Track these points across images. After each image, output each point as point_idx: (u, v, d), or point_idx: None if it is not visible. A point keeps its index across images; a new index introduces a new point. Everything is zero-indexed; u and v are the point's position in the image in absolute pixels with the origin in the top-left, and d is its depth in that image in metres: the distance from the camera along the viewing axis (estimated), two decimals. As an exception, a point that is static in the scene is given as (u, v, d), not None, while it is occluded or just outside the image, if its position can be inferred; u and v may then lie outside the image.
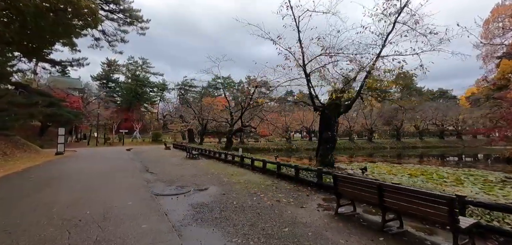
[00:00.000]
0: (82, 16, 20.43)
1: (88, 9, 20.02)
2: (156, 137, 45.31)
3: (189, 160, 15.66)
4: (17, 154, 17.33)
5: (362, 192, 4.47)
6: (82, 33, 27.50)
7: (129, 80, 66.44)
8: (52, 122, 24.61)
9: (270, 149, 39.74)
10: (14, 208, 5.34)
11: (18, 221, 4.51)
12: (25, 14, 16.93)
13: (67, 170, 10.94)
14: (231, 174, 10.21)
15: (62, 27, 20.53)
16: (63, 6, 18.92)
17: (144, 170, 11.41)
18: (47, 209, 5.20)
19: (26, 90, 19.70)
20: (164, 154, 21.13)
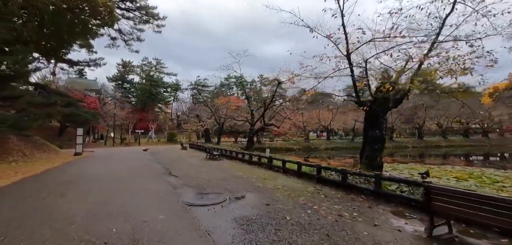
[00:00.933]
0: (99, 14, 20.03)
1: (105, 7, 19.57)
2: (171, 137, 45.06)
3: (210, 161, 14.75)
4: (37, 155, 17.03)
5: (481, 212, 3.26)
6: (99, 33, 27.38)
7: (144, 80, 66.94)
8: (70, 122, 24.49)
9: (288, 148, 38.51)
10: (27, 223, 4.49)
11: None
12: (43, 13, 16.62)
13: (86, 173, 10.23)
14: (263, 178, 9.15)
15: (80, 26, 20.24)
16: (80, 4, 18.53)
17: (166, 173, 10.55)
18: (65, 225, 4.32)
19: (45, 91, 19.48)
20: (182, 154, 20.39)
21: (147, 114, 56.86)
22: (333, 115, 41.97)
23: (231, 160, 15.42)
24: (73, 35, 20.21)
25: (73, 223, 4.42)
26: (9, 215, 4.85)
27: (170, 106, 72.62)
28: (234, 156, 16.10)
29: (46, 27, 18.56)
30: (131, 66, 68.83)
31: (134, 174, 9.84)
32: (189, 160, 15.87)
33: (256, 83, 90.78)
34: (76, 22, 19.74)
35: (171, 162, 14.75)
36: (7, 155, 14.00)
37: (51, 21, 17.86)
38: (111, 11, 20.33)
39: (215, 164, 13.37)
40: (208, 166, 12.54)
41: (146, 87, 63.12)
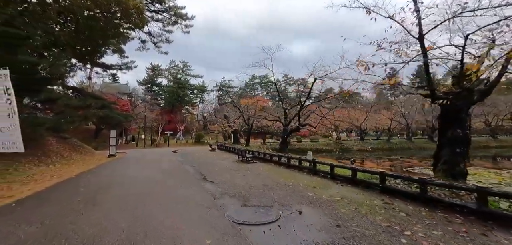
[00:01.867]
0: (129, 16, 20.10)
1: (135, 9, 19.56)
2: (198, 138, 45.28)
3: (244, 164, 13.77)
4: (74, 156, 17.35)
5: None
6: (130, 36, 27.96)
7: (171, 83, 68.56)
8: (105, 124, 25.14)
9: (318, 149, 36.58)
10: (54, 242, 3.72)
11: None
12: (78, 16, 16.90)
13: (119, 177, 9.73)
14: (312, 186, 7.89)
15: (112, 30, 20.49)
16: (112, 7, 18.66)
17: (200, 177, 9.72)
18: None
19: (81, 94, 19.91)
20: (212, 156, 19.73)
21: (175, 115, 57.97)
22: (367, 113, 39.18)
23: (265, 163, 14.31)
24: (106, 39, 20.49)
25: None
26: (31, 231, 4.15)
27: (196, 107, 73.83)
28: (268, 159, 14.97)
29: (81, 32, 18.95)
30: (160, 70, 71.06)
31: (167, 179, 9.11)
32: (220, 162, 15.06)
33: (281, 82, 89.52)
34: (109, 26, 19.97)
35: (203, 165, 14.02)
36: (46, 157, 14.20)
37: (86, 26, 18.14)
38: (141, 12, 20.30)
39: (250, 168, 12.34)
40: (243, 170, 11.54)
41: (174, 90, 64.47)
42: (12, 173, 9.90)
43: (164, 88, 69.32)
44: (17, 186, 7.80)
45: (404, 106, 41.29)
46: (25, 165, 11.48)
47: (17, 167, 10.94)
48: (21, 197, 6.44)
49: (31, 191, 7.09)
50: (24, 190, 7.14)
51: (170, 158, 17.92)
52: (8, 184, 7.93)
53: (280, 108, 29.48)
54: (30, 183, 8.24)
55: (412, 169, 17.00)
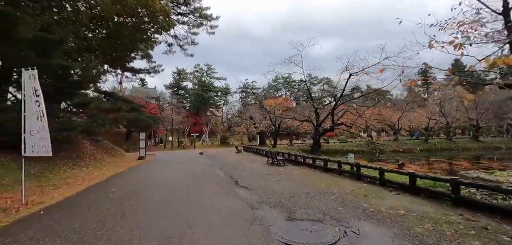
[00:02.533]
0: (156, 19, 20.22)
1: (162, 12, 19.59)
2: (224, 140, 45.21)
3: (275, 168, 12.88)
4: (106, 159, 17.66)
5: None
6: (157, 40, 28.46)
7: (196, 86, 69.78)
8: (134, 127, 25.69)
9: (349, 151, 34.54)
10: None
11: None
12: (108, 21, 17.23)
13: (149, 181, 9.34)
14: (363, 194, 6.78)
15: (140, 33, 20.79)
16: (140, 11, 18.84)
17: (232, 182, 9.01)
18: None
19: (112, 97, 20.37)
20: (240, 158, 19.09)
21: (200, 118, 58.73)
22: (402, 112, 36.36)
23: (298, 166, 13.29)
24: (134, 43, 20.82)
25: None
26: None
27: (220, 109, 74.43)
28: (301, 162, 13.93)
29: (111, 37, 19.39)
30: (185, 73, 72.75)
31: (199, 184, 8.49)
32: (250, 165, 14.31)
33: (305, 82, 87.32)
34: (137, 30, 20.27)
35: (233, 168, 13.36)
36: (80, 160, 14.47)
37: (115, 31, 18.49)
38: (168, 14, 20.32)
39: (283, 172, 11.42)
40: (276, 174, 10.65)
41: (199, 92, 65.47)
42: (47, 176, 9.95)
43: (190, 91, 70.79)
44: (49, 190, 7.65)
45: (441, 103, 37.77)
46: (60, 168, 11.62)
47: (53, 169, 11.07)
48: (51, 203, 6.15)
49: (61, 197, 6.82)
50: (55, 195, 6.90)
51: (198, 161, 17.57)
52: (42, 188, 7.82)
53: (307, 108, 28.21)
54: (62, 187, 8.08)
55: (467, 173, 14.92)
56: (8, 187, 7.45)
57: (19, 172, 9.17)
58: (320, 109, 17.73)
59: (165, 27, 21.26)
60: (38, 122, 5.81)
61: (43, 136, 5.84)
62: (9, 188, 7.36)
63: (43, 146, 5.85)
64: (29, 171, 9.57)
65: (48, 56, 10.04)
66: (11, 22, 8.57)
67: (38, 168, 10.27)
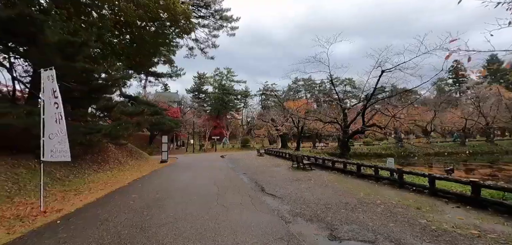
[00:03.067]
0: (178, 23, 20.22)
1: (183, 15, 19.53)
2: (244, 143, 44.84)
3: (303, 172, 11.98)
4: (130, 162, 17.79)
5: None
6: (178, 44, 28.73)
7: (216, 90, 70.40)
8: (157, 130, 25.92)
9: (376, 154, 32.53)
10: None
11: None
12: (132, 26, 17.43)
13: (171, 187, 8.89)
14: (416, 207, 5.75)
15: (162, 37, 20.93)
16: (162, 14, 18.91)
17: (258, 189, 8.30)
18: None
19: (136, 101, 20.61)
20: (262, 162, 18.36)
21: (220, 121, 59.00)
22: (435, 112, 33.67)
23: (327, 171, 12.28)
24: (157, 47, 20.98)
25: None
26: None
27: (240, 112, 74.45)
28: (329, 166, 12.89)
29: (135, 41, 19.66)
30: (205, 78, 73.67)
31: (223, 192, 7.86)
32: (275, 170, 13.52)
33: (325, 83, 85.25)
34: (159, 34, 20.41)
35: (256, 172, 12.67)
36: (105, 163, 14.55)
37: (138, 35, 18.69)
38: (189, 17, 20.26)
39: (311, 177, 10.50)
40: (305, 180, 9.77)
41: (219, 96, 65.90)
42: (71, 180, 9.89)
43: (210, 95, 71.50)
44: (71, 195, 7.42)
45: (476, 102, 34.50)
46: (85, 172, 11.62)
47: (78, 173, 11.07)
48: (69, 211, 5.82)
49: (82, 203, 6.52)
50: (76, 202, 6.61)
51: (220, 165, 17.10)
52: (64, 193, 7.62)
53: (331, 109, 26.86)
54: (83, 193, 7.84)
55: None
56: (32, 192, 7.32)
57: (45, 176, 9.19)
58: (348, 109, 16.45)
59: (186, 30, 21.24)
60: (57, 125, 5.51)
61: (61, 139, 5.52)
62: (32, 193, 7.22)
63: (61, 151, 5.53)
64: (54, 175, 9.57)
65: (73, 59, 10.02)
66: (39, 26, 8.58)
67: (63, 172, 10.27)
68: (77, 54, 10.17)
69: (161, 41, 20.67)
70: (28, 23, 8.35)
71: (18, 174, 7.92)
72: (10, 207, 5.87)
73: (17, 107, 8.85)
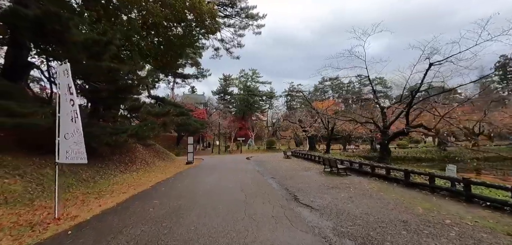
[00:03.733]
0: (204, 22, 19.93)
1: (209, 14, 19.19)
2: (270, 145, 43.86)
3: (338, 178, 10.71)
4: (157, 163, 17.75)
5: None
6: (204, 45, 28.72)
7: (241, 91, 70.36)
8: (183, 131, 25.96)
9: (416, 158, 29.62)
10: None
11: None
12: (158, 26, 17.43)
13: (195, 192, 8.23)
14: (504, 231, 4.38)
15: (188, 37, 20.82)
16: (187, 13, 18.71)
17: (290, 197, 7.30)
18: None
19: (163, 102, 20.67)
20: (290, 165, 17.25)
21: (246, 122, 58.67)
22: (485, 112, 29.73)
23: (365, 178, 10.85)
24: (183, 47, 20.90)
25: None
26: None
27: (265, 114, 73.68)
28: (369, 172, 11.42)
29: (162, 43, 19.73)
30: (231, 79, 74.11)
31: (251, 200, 6.99)
32: (305, 174, 12.39)
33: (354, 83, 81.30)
34: (185, 34, 20.30)
35: (285, 177, 11.65)
36: (131, 164, 14.51)
37: (165, 36, 18.68)
38: (214, 16, 19.89)
39: (349, 184, 9.23)
40: (343, 188, 8.55)
41: (244, 97, 65.74)
42: (97, 181, 9.71)
43: (235, 96, 71.68)
44: (91, 199, 7.05)
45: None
46: (111, 172, 11.50)
47: (104, 174, 10.95)
48: (85, 218, 5.34)
49: (100, 209, 6.06)
50: (94, 207, 6.17)
51: (246, 167, 16.32)
52: (85, 196, 7.29)
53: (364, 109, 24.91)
54: (105, 196, 7.46)
55: None
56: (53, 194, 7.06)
57: (71, 177, 9.08)
58: (387, 109, 14.63)
59: (212, 29, 20.89)
60: (72, 124, 5.04)
61: (77, 140, 5.05)
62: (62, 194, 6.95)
63: (77, 152, 5.06)
64: (80, 176, 9.43)
65: (99, 58, 9.87)
66: (64, 25, 8.45)
67: (90, 173, 10.16)
68: (103, 53, 10.00)
69: (187, 41, 20.54)
70: (54, 22, 8.22)
71: (44, 174, 7.78)
72: (28, 211, 5.55)
73: (44, 107, 8.80)
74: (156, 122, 14.55)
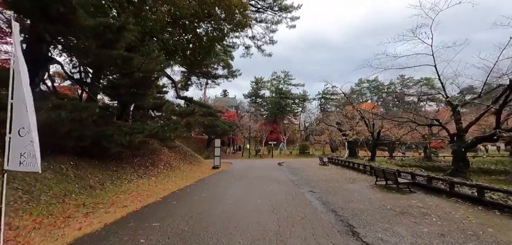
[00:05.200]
0: (233, 15, 18.39)
1: (239, 5, 17.59)
2: (303, 150, 40.99)
3: (400, 197, 8.00)
4: (181, 166, 16.49)
5: None
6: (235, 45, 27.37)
7: (273, 94, 68.30)
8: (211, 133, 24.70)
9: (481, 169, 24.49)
10: None
11: None
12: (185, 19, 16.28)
13: (212, 212, 6.33)
14: None
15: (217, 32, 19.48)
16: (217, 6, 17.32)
17: (343, 228, 4.99)
18: None
19: (190, 102, 19.55)
20: (331, 175, 14.66)
21: (277, 126, 56.46)
22: None
23: (440, 197, 7.94)
24: (212, 43, 19.62)
25: None
26: None
27: (298, 117, 70.67)
28: (445, 190, 8.45)
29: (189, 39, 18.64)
30: (262, 82, 72.62)
31: (286, 228, 4.87)
32: (353, 188, 9.81)
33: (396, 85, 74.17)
34: (214, 29, 18.98)
35: (328, 190, 9.25)
36: (153, 168, 13.29)
37: (192, 31, 17.51)
38: (245, 8, 18.24)
39: (426, 210, 6.53)
40: (418, 215, 5.93)
41: (276, 100, 63.62)
42: (106, 188, 8.40)
43: (267, 99, 69.95)
44: (78, 216, 5.51)
45: None
46: (126, 177, 10.24)
47: (118, 179, 9.69)
48: (75, 237, 3.72)
49: (81, 232, 4.44)
50: (68, 231, 4.55)
51: (278, 176, 14.14)
52: (74, 211, 5.80)
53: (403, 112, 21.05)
54: (98, 212, 5.90)
55: None
56: (44, 206, 5.72)
57: (75, 183, 7.86)
58: (461, 106, 11.16)
59: (242, 23, 19.27)
60: (27, 117, 3.46)
61: (33, 140, 3.46)
62: (43, 208, 5.60)
63: (31, 157, 3.47)
64: (87, 181, 8.17)
65: (112, 47, 8.64)
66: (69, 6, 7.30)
67: (100, 177, 8.92)
68: (116, 41, 8.75)
69: (217, 37, 19.20)
70: (58, 1, 7.07)
71: (38, 179, 6.55)
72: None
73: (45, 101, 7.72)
74: (179, 122, 13.21)
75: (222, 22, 18.86)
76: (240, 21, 18.99)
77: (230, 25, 19.52)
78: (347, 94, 27.31)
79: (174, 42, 16.64)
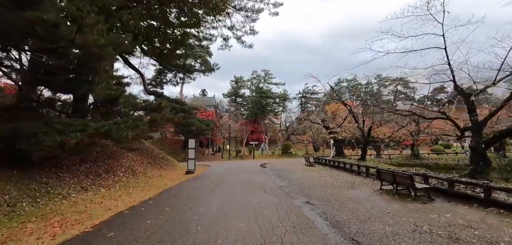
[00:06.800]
0: (210, 2, 16.05)
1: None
2: (286, 149, 39.39)
3: (423, 209, 6.23)
4: (148, 172, 13.83)
5: None
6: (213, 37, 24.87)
7: (254, 93, 66.39)
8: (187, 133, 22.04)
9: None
10: None
11: None
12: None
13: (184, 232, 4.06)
14: None
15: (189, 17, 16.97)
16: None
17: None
18: None
19: (160, 97, 16.84)
20: (322, 178, 12.85)
21: (258, 125, 54.55)
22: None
23: (464, 205, 6.29)
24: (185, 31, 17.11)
25: None
26: None
27: (279, 117, 69.46)
28: (471, 195, 6.82)
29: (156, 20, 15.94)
30: (242, 81, 70.50)
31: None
32: (356, 196, 7.94)
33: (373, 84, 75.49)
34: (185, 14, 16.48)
35: (329, 201, 7.27)
36: (108, 176, 10.57)
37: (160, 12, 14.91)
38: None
39: (466, 227, 4.75)
40: (465, 240, 4.11)
41: (256, 99, 61.75)
42: (17, 211, 5.73)
43: (247, 98, 67.95)
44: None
45: None
46: (60, 191, 7.52)
47: (44, 195, 6.97)
48: None
49: None
50: None
51: (264, 181, 12.03)
52: None
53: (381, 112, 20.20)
54: None
55: None
56: None
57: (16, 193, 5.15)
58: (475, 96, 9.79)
59: (219, 6, 16.96)
60: None
61: None
62: None
63: None
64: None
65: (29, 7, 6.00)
66: None
67: (14, 194, 6.21)
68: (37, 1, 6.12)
69: (189, 21, 16.69)
70: None
71: None
72: None
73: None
74: (141, 118, 10.62)
75: (196, 7, 16.43)
76: (217, 4, 16.68)
77: (205, 10, 17.14)
78: (335, 89, 25.91)
79: (135, 24, 13.85)
